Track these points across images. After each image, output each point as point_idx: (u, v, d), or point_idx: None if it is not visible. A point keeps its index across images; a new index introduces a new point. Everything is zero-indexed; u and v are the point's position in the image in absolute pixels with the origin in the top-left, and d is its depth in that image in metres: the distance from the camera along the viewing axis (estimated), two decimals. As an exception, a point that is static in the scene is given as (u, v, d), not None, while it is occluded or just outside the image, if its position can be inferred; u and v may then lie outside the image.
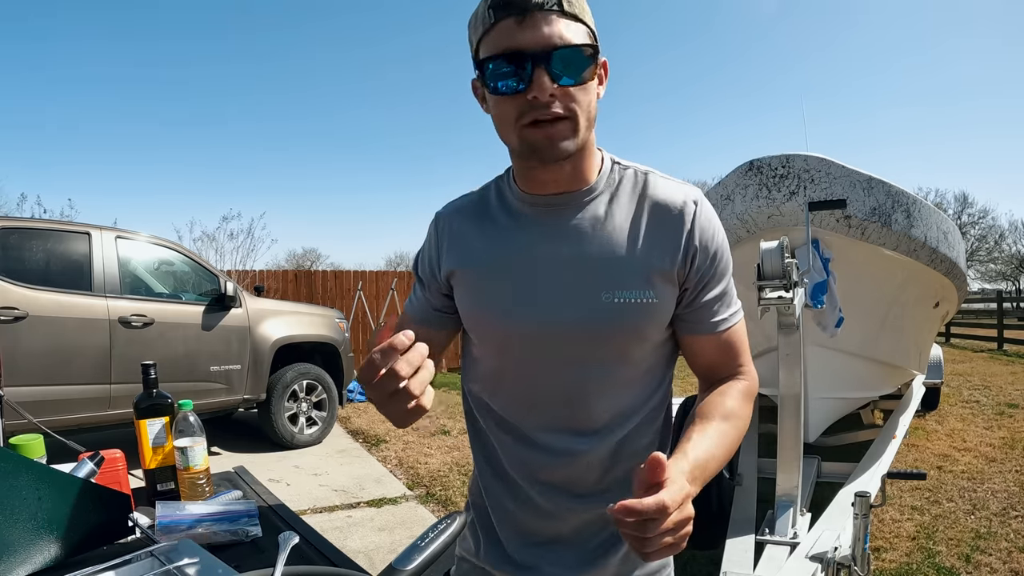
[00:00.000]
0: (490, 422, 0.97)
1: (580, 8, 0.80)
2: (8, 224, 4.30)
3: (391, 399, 0.65)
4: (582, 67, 0.79)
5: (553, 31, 0.77)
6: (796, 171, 2.85)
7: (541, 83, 0.76)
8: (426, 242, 1.00)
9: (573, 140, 0.81)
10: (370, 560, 3.24)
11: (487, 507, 1.00)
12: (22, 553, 0.97)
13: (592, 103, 0.82)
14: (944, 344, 12.52)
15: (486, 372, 0.95)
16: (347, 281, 10.29)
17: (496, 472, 0.97)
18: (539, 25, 0.76)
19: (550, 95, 0.77)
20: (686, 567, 3.10)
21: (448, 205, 0.99)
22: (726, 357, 0.92)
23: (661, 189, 0.89)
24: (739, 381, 0.92)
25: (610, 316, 0.85)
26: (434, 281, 0.97)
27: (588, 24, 0.81)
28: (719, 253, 0.89)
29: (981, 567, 3.05)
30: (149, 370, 1.36)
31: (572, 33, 0.78)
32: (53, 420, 3.89)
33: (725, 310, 0.91)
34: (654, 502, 0.62)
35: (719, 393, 0.89)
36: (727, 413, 0.86)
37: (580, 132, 0.81)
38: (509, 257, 0.90)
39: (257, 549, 1.11)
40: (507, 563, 0.95)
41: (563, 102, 0.79)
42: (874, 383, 4.03)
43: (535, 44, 0.76)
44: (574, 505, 0.92)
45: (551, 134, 0.80)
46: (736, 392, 0.90)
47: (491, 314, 0.90)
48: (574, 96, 0.79)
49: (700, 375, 0.95)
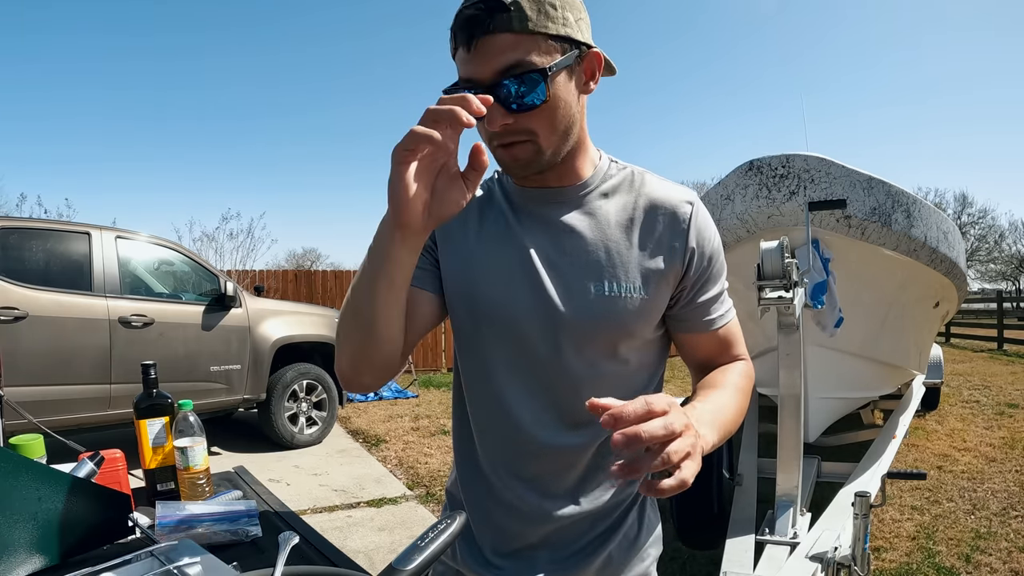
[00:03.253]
0: (475, 409, 0.95)
1: (539, 19, 0.74)
2: (8, 224, 4.30)
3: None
4: (534, 90, 0.75)
5: (501, 59, 0.74)
6: (796, 171, 2.85)
7: (492, 115, 0.74)
8: None
9: (538, 158, 0.81)
10: (370, 560, 3.24)
11: (466, 508, 0.98)
12: (22, 553, 0.97)
13: (558, 117, 0.79)
14: (944, 344, 12.53)
15: (475, 359, 0.93)
16: (347, 281, 10.29)
17: (475, 469, 0.96)
18: (487, 52, 0.74)
19: (502, 125, 0.77)
20: (686, 567, 3.10)
21: None
22: (722, 350, 0.94)
23: (657, 189, 0.89)
24: (736, 363, 0.94)
25: (599, 309, 0.85)
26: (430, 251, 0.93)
27: (552, 32, 0.75)
28: (716, 255, 0.90)
29: (981, 567, 3.05)
30: (149, 370, 1.36)
31: (524, 54, 0.74)
32: (53, 420, 3.90)
33: (720, 308, 0.92)
34: (640, 403, 0.60)
35: (720, 371, 0.91)
36: (728, 383, 0.87)
37: (546, 149, 0.81)
38: (500, 248, 0.89)
39: (257, 549, 1.11)
40: (483, 566, 0.94)
41: (520, 125, 0.78)
42: (874, 383, 4.03)
43: (483, 74, 0.75)
44: (549, 508, 0.90)
45: (515, 155, 0.81)
46: (737, 369, 0.92)
47: (479, 303, 0.89)
48: (530, 118, 0.77)
49: (696, 368, 0.96)
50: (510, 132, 0.78)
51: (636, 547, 0.94)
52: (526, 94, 0.75)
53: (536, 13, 0.74)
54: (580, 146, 0.87)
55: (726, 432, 0.78)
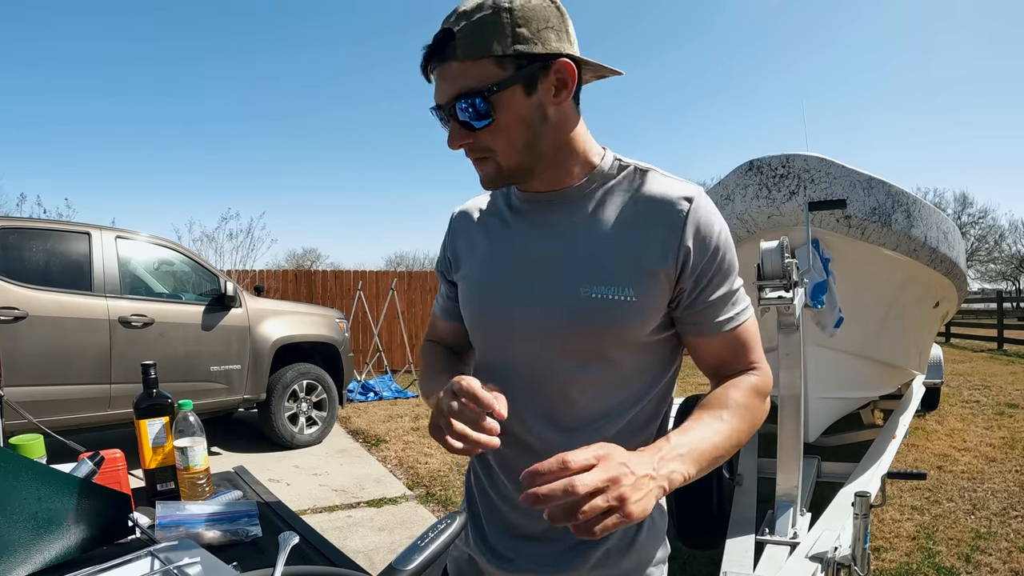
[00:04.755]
0: None
1: (480, 44, 0.78)
2: (8, 224, 4.30)
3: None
4: (482, 111, 0.80)
5: (452, 85, 0.80)
6: (796, 171, 2.85)
7: (451, 135, 0.84)
8: (444, 239, 1.06)
9: (500, 173, 0.86)
10: (370, 560, 3.24)
11: (475, 495, 1.02)
12: (22, 553, 0.97)
13: (513, 132, 0.82)
14: (944, 344, 12.53)
15: (480, 361, 0.99)
16: (347, 281, 10.29)
17: (483, 463, 1.00)
18: (442, 79, 0.82)
19: (461, 144, 0.84)
20: (686, 567, 3.10)
21: (464, 203, 1.05)
22: (735, 355, 0.89)
23: (657, 186, 0.88)
24: (749, 376, 0.89)
25: (586, 311, 0.84)
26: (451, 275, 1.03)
27: (498, 53, 0.78)
28: (719, 251, 0.86)
29: (981, 567, 3.05)
30: (149, 370, 1.36)
31: (468, 79, 0.79)
32: (53, 420, 3.90)
33: (731, 309, 0.88)
34: (556, 460, 0.64)
35: (726, 386, 0.87)
36: (730, 403, 0.84)
37: (505, 164, 0.85)
38: (501, 252, 0.93)
39: (257, 549, 1.11)
40: (488, 552, 0.97)
41: (480, 143, 0.84)
42: (874, 383, 4.03)
43: (442, 100, 0.82)
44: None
45: (480, 170, 0.87)
46: (745, 385, 0.87)
47: (477, 306, 0.95)
48: (486, 136, 0.83)
49: (709, 375, 0.93)
50: (472, 149, 0.85)
51: (636, 543, 0.94)
52: (473, 116, 0.81)
53: (480, 38, 0.78)
54: (568, 151, 0.88)
55: (712, 459, 0.78)
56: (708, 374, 0.93)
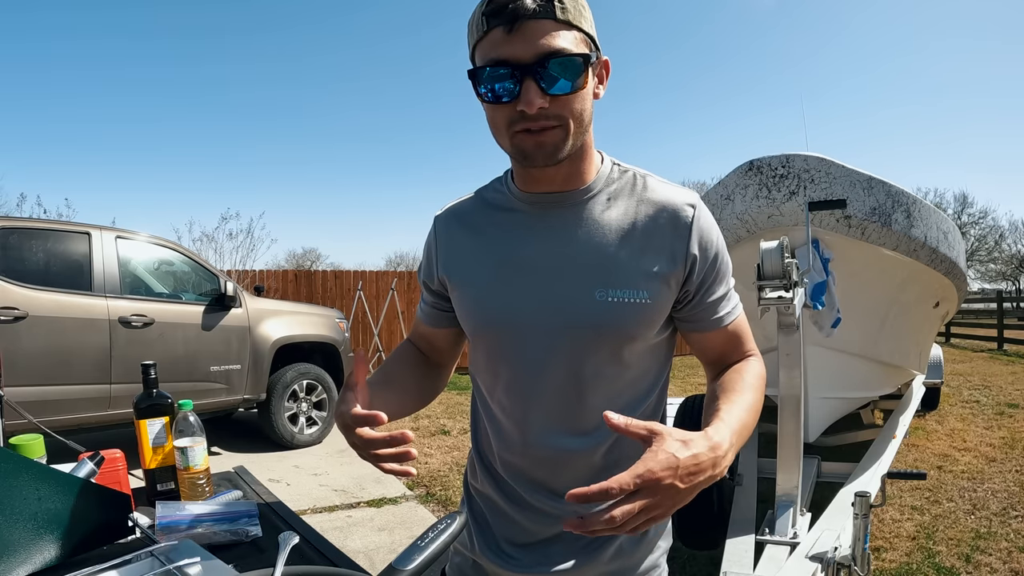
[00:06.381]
0: (486, 412, 0.98)
1: (575, 14, 0.78)
2: (8, 224, 4.30)
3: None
4: (574, 76, 0.78)
5: (544, 41, 0.76)
6: (796, 171, 2.85)
7: (528, 96, 0.77)
8: (426, 246, 1.02)
9: (564, 146, 0.82)
10: (370, 560, 3.24)
11: (480, 501, 1.01)
12: (22, 553, 0.97)
13: (585, 108, 0.82)
14: (944, 344, 12.53)
15: (485, 368, 0.96)
16: (347, 281, 10.29)
17: (489, 466, 0.99)
18: (530, 35, 0.76)
19: (539, 107, 0.77)
20: (686, 567, 3.10)
21: (445, 207, 1.01)
22: (733, 346, 0.95)
23: (660, 192, 0.90)
24: (748, 361, 0.94)
25: (603, 315, 0.85)
26: (436, 284, 0.99)
27: (584, 29, 0.80)
28: (719, 256, 0.90)
29: (981, 567, 3.05)
30: (149, 370, 1.37)
31: (564, 41, 0.77)
32: (53, 420, 3.90)
33: (727, 305, 0.93)
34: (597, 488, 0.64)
35: (735, 370, 0.91)
36: (747, 385, 0.87)
37: (571, 138, 0.82)
38: (503, 256, 0.91)
39: (257, 549, 1.11)
40: (498, 556, 0.96)
41: (553, 110, 0.79)
42: (874, 383, 4.03)
43: (524, 55, 0.76)
44: (560, 509, 0.92)
45: (540, 141, 0.81)
46: (750, 368, 0.92)
47: (483, 312, 0.92)
48: (565, 104, 0.79)
49: (709, 365, 0.97)
50: (543, 116, 0.79)
51: (646, 538, 0.96)
52: (568, 78, 0.78)
53: (578, 10, 0.79)
54: (587, 148, 0.89)
55: (746, 437, 0.81)
56: (709, 363, 0.97)
